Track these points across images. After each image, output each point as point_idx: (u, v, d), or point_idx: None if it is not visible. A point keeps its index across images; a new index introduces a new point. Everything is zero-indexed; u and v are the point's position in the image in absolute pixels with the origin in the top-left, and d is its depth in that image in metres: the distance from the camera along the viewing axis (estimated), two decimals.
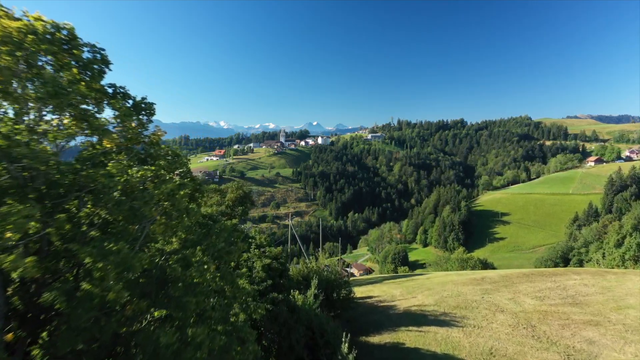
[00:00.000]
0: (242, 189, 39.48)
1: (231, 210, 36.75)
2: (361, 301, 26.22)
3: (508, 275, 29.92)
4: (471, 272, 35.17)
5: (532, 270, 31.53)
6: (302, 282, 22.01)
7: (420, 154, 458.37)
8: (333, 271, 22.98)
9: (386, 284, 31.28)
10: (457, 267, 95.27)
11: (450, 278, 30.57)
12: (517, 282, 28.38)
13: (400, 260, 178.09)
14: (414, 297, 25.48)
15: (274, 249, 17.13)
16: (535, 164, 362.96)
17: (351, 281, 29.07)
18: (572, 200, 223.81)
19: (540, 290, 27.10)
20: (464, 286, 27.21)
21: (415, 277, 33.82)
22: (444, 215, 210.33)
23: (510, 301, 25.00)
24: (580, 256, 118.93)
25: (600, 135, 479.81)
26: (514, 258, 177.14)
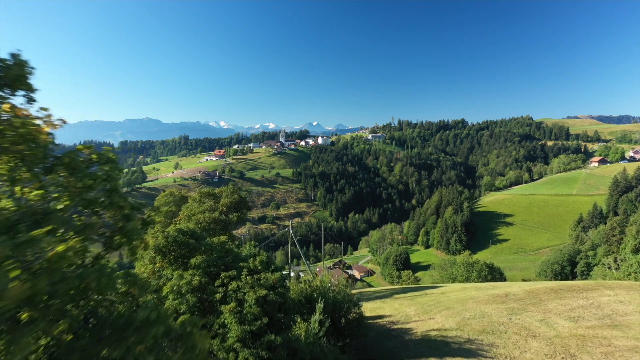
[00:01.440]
0: (237, 194, 36.35)
1: (225, 217, 33.69)
2: (371, 321, 23.13)
3: (534, 290, 26.85)
4: (490, 285, 32.06)
5: (560, 284, 28.44)
6: (305, 304, 18.92)
7: (421, 154, 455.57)
8: (340, 291, 19.85)
9: (397, 300, 28.23)
10: (462, 271, 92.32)
11: (469, 294, 27.48)
12: (545, 299, 25.28)
13: (402, 262, 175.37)
14: (432, 319, 22.38)
15: (270, 276, 13.96)
16: (537, 165, 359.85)
17: (357, 294, 25.88)
18: (576, 201, 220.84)
19: (573, 309, 23.98)
20: (487, 305, 24.11)
21: (429, 292, 30.75)
22: (446, 217, 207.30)
23: (542, 323, 21.87)
24: (588, 259, 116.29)
25: (602, 136, 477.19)
26: (517, 260, 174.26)
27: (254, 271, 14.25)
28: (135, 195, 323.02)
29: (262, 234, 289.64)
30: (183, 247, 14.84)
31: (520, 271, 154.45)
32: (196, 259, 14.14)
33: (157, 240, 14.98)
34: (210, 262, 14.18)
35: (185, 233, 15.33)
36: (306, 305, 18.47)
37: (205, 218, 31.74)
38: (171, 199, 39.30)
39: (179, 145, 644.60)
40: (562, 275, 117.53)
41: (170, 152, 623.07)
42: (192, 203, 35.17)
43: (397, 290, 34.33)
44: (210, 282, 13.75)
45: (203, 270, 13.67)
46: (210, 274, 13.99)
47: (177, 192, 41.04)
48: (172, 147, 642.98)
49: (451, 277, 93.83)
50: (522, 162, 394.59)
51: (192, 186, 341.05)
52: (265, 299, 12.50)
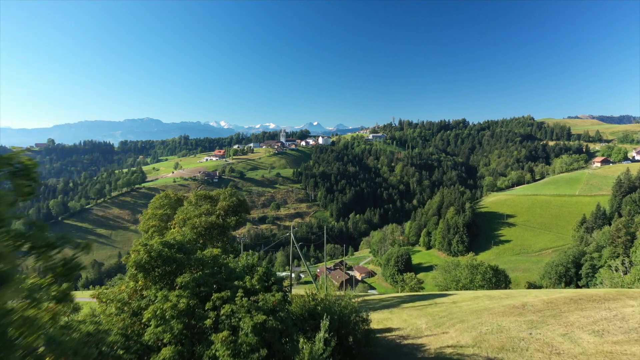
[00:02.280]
0: (236, 196, 34.48)
1: (223, 221, 31.89)
2: (379, 335, 21.40)
3: (552, 300, 25.10)
4: (504, 294, 30.29)
5: (579, 293, 26.70)
6: (308, 320, 17.19)
7: (422, 154, 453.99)
8: (347, 305, 18.11)
9: (405, 310, 26.49)
10: (467, 273, 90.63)
11: (482, 304, 25.71)
12: (566, 310, 23.54)
13: (403, 264, 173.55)
14: (445, 333, 20.64)
15: (270, 297, 12.18)
16: (538, 165, 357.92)
17: (361, 302, 24.15)
18: (578, 201, 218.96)
19: (596, 322, 22.25)
20: (504, 317, 22.36)
21: (439, 301, 28.98)
22: (448, 217, 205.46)
23: (565, 338, 20.14)
24: (593, 261, 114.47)
25: (604, 136, 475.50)
26: (520, 261, 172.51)
27: (250, 291, 12.47)
28: (135, 195, 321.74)
29: (262, 235, 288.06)
30: (169, 263, 12.94)
31: (523, 272, 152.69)
32: (184, 277, 12.34)
33: (139, 255, 13.13)
34: (200, 280, 12.32)
35: (172, 246, 13.43)
36: (309, 321, 16.75)
37: (201, 222, 29.94)
38: (166, 202, 37.51)
39: (179, 145, 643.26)
40: (567, 278, 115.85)
41: (171, 152, 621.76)
42: (187, 206, 33.32)
43: (404, 298, 32.56)
44: (199, 304, 11.85)
45: (191, 291, 11.80)
46: (199, 294, 12.14)
47: (172, 195, 39.22)
48: (172, 147, 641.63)
49: (455, 280, 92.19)
50: (523, 162, 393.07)
51: (192, 186, 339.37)
52: (264, 325, 10.65)
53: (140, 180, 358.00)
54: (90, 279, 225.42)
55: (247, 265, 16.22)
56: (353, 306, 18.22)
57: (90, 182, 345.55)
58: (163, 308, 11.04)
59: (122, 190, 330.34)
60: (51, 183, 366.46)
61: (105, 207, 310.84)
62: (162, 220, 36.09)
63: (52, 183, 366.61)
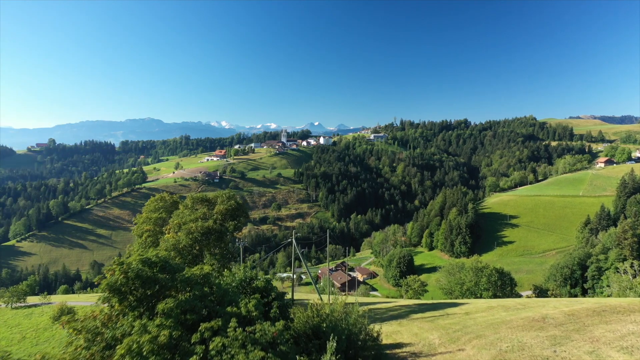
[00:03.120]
0: (234, 199, 32.73)
1: (220, 226, 30.19)
2: (389, 351, 19.65)
3: (574, 313, 23.34)
4: (520, 303, 28.49)
5: (601, 304, 24.94)
6: (312, 338, 15.47)
7: (423, 154, 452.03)
8: (357, 322, 16.37)
9: (415, 322, 24.72)
10: (471, 276, 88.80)
11: (498, 316, 23.93)
12: (590, 323, 21.79)
13: (405, 265, 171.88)
14: (461, 350, 18.90)
15: (269, 328, 10.36)
16: (541, 165, 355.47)
17: (367, 311, 22.38)
18: (582, 202, 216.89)
19: (624, 337, 20.46)
20: (523, 332, 20.62)
21: (450, 311, 27.18)
22: (451, 218, 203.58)
23: (592, 357, 18.37)
24: (599, 263, 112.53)
25: (606, 136, 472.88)
26: (523, 263, 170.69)
27: (246, 320, 10.61)
28: (135, 195, 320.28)
29: (263, 235, 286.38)
30: (150, 285, 10.97)
31: (527, 274, 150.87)
32: (167, 303, 10.41)
33: (114, 276, 11.17)
34: (186, 305, 10.31)
35: (154, 264, 11.45)
36: (314, 341, 15.03)
37: (197, 227, 28.28)
38: (161, 205, 35.81)
39: (180, 145, 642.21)
40: (572, 280, 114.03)
41: (172, 152, 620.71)
42: (183, 210, 31.64)
43: (413, 308, 30.76)
44: (185, 334, 9.90)
45: (175, 319, 9.82)
46: (185, 323, 10.25)
47: (168, 197, 37.46)
48: (174, 147, 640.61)
49: (459, 283, 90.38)
50: (525, 162, 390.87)
51: (193, 186, 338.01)
52: None
53: (141, 180, 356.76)
54: (90, 280, 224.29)
55: (245, 279, 14.45)
56: (362, 323, 16.49)
57: (91, 182, 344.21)
58: (140, 342, 9.18)
59: (123, 191, 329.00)
60: (51, 183, 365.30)
61: (105, 207, 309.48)
62: (157, 224, 34.42)
63: (52, 183, 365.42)
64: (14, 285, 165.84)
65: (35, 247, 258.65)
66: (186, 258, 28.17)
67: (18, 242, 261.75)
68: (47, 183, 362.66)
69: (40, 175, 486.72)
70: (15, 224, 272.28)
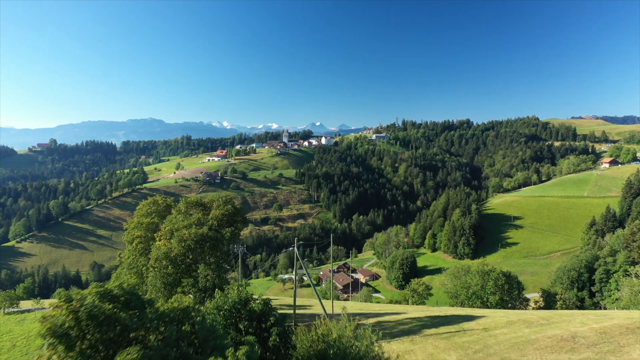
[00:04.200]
0: (231, 204, 30.45)
1: (216, 233, 27.99)
2: None
3: (605, 330, 21.14)
4: (542, 317, 26.23)
5: (633, 320, 22.71)
6: None
7: (425, 154, 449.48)
8: (369, 349, 14.18)
9: (429, 339, 22.54)
10: (477, 280, 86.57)
11: (521, 333, 21.73)
12: (625, 343, 19.58)
13: (408, 267, 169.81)
14: None
15: None
16: (544, 166, 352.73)
17: (375, 325, 20.12)
18: (587, 203, 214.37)
19: None
20: (553, 354, 18.42)
21: (467, 327, 24.95)
22: (454, 219, 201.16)
23: None
24: (607, 266, 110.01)
25: (610, 136, 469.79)
26: (528, 264, 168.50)
27: None
28: (136, 196, 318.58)
29: (264, 236, 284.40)
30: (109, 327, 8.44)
31: (532, 276, 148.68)
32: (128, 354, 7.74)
33: (60, 316, 8.58)
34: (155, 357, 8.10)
35: (116, 298, 8.80)
36: None
37: (191, 234, 26.14)
38: (154, 209, 33.59)
39: (182, 145, 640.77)
40: (579, 283, 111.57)
41: (173, 152, 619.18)
42: (176, 215, 29.39)
43: (424, 321, 28.50)
44: None
45: None
46: None
47: (161, 201, 35.21)
48: (175, 147, 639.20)
49: (465, 286, 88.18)
50: (528, 163, 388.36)
51: (194, 187, 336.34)
52: None
53: (142, 180, 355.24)
54: (90, 280, 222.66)
55: (239, 300, 12.29)
56: (375, 352, 14.32)
57: (91, 183, 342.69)
58: None
59: (123, 191, 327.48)
60: (52, 183, 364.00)
61: (106, 207, 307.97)
62: (149, 229, 32.26)
63: (53, 183, 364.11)
64: (13, 286, 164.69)
65: (35, 248, 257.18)
66: (179, 268, 26.09)
67: (18, 243, 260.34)
68: (48, 183, 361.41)
69: (41, 176, 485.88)
70: (15, 224, 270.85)
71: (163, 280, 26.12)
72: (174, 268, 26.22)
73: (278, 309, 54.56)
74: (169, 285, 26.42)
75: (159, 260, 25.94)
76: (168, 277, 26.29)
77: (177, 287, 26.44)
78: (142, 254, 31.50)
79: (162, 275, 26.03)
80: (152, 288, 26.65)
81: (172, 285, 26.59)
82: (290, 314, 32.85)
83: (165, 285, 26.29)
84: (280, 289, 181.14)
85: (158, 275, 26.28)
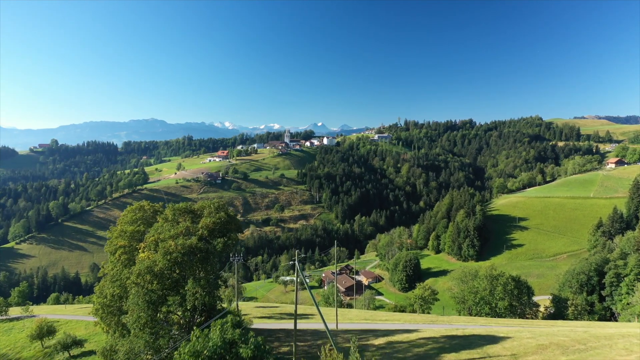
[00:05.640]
0: (224, 210, 27.34)
1: (206, 244, 24.93)
2: None
3: None
4: (577, 340, 23.16)
5: None
6: None
7: (428, 155, 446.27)
8: None
9: None
10: (486, 284, 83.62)
11: None
12: None
13: (412, 269, 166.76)
14: None
15: None
16: (548, 166, 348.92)
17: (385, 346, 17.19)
18: (594, 204, 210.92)
19: None
20: None
21: (492, 352, 21.92)
22: (458, 220, 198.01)
23: None
24: (617, 269, 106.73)
25: (614, 136, 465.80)
26: (533, 267, 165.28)
27: None
28: (136, 197, 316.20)
29: (266, 237, 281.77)
30: None
31: (537, 278, 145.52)
32: None
33: None
34: None
35: None
36: None
37: (177, 246, 23.10)
38: (140, 215, 30.64)
39: (183, 145, 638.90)
40: (589, 287, 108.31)
41: (174, 153, 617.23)
42: (162, 223, 26.35)
43: (441, 342, 25.35)
44: None
45: None
46: None
47: (148, 207, 32.23)
48: (176, 148, 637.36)
49: (473, 291, 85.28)
50: (532, 163, 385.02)
51: (195, 187, 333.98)
52: None
53: (142, 181, 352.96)
54: (89, 282, 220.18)
55: (224, 344, 9.39)
56: None
57: (92, 183, 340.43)
58: None
59: (124, 192, 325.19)
60: (52, 184, 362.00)
61: (106, 208, 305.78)
62: (133, 238, 29.34)
63: (53, 184, 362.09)
64: (12, 288, 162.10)
65: (35, 250, 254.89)
66: (164, 284, 23.18)
67: (17, 244, 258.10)
68: (48, 184, 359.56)
69: (42, 176, 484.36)
70: (14, 225, 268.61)
71: (146, 298, 23.03)
72: (159, 284, 23.27)
73: (278, 318, 51.41)
74: (152, 303, 23.34)
75: (141, 276, 23.04)
76: (152, 294, 23.20)
77: (162, 306, 23.47)
78: (126, 265, 28.57)
79: (145, 292, 22.96)
80: (134, 307, 23.62)
81: (157, 304, 23.56)
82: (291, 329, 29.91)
83: (149, 304, 23.21)
84: (282, 291, 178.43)
85: (141, 293, 23.22)
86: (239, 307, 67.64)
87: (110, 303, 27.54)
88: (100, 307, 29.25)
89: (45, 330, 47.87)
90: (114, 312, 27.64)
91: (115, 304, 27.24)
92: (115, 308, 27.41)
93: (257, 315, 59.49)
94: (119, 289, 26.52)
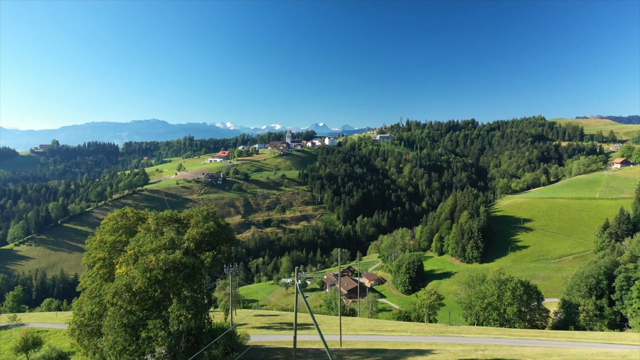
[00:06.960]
0: (214, 219, 24.26)
1: (193, 259, 21.96)
2: None
3: None
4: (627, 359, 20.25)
5: None
6: None
7: (430, 155, 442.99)
8: None
9: None
10: (494, 289, 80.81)
11: None
12: None
13: (415, 271, 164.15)
14: None
15: None
16: (552, 166, 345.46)
17: None
18: (599, 205, 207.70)
19: None
20: None
21: None
22: (462, 222, 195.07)
23: None
24: (628, 273, 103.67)
25: (618, 136, 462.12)
26: (538, 269, 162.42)
27: None
28: (136, 198, 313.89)
29: (267, 239, 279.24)
30: None
31: (543, 280, 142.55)
32: None
33: None
34: None
35: None
36: None
37: (159, 262, 20.15)
38: (122, 223, 27.64)
39: (184, 146, 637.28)
40: (598, 290, 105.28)
41: (175, 153, 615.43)
42: (144, 234, 23.41)
43: None
44: None
45: None
46: None
47: (132, 213, 29.23)
48: (177, 148, 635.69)
49: (480, 297, 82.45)
50: (535, 163, 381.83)
51: (195, 188, 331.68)
52: None
53: (143, 182, 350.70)
54: None
55: None
56: None
57: (92, 184, 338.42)
58: None
59: (124, 193, 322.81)
60: (52, 185, 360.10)
61: (106, 209, 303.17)
62: (114, 249, 26.45)
63: (53, 185, 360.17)
64: (10, 291, 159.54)
65: (34, 251, 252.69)
66: (144, 304, 20.35)
67: (16, 246, 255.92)
68: (48, 185, 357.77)
69: (42, 177, 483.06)
70: (13, 227, 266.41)
71: (123, 321, 20.08)
72: (138, 305, 20.40)
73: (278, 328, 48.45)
74: (130, 327, 20.38)
75: (118, 295, 20.22)
76: (130, 316, 20.23)
77: (142, 331, 20.52)
78: (106, 279, 25.70)
79: (123, 314, 20.04)
80: (110, 330, 20.64)
81: (136, 328, 20.60)
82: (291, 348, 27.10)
83: (126, 327, 20.25)
84: (283, 294, 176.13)
85: (117, 314, 20.29)
86: (237, 317, 64.82)
87: (89, 322, 24.69)
88: (76, 326, 26.36)
89: (30, 342, 45.27)
90: (93, 331, 24.80)
91: (94, 322, 24.37)
92: (94, 327, 24.58)
93: (256, 325, 56.93)
94: (97, 307, 23.69)
